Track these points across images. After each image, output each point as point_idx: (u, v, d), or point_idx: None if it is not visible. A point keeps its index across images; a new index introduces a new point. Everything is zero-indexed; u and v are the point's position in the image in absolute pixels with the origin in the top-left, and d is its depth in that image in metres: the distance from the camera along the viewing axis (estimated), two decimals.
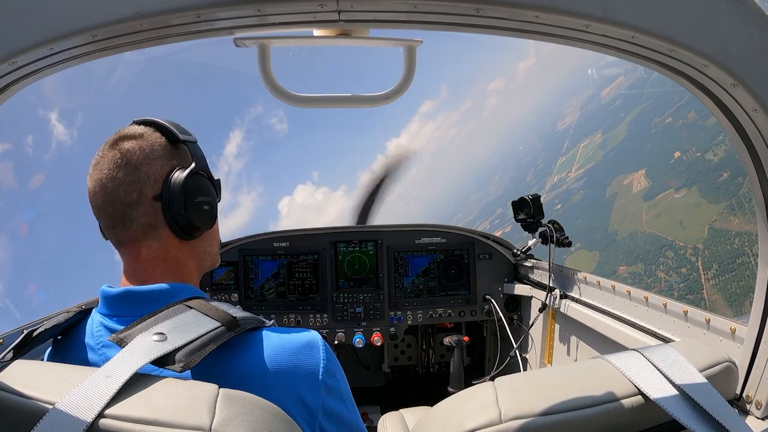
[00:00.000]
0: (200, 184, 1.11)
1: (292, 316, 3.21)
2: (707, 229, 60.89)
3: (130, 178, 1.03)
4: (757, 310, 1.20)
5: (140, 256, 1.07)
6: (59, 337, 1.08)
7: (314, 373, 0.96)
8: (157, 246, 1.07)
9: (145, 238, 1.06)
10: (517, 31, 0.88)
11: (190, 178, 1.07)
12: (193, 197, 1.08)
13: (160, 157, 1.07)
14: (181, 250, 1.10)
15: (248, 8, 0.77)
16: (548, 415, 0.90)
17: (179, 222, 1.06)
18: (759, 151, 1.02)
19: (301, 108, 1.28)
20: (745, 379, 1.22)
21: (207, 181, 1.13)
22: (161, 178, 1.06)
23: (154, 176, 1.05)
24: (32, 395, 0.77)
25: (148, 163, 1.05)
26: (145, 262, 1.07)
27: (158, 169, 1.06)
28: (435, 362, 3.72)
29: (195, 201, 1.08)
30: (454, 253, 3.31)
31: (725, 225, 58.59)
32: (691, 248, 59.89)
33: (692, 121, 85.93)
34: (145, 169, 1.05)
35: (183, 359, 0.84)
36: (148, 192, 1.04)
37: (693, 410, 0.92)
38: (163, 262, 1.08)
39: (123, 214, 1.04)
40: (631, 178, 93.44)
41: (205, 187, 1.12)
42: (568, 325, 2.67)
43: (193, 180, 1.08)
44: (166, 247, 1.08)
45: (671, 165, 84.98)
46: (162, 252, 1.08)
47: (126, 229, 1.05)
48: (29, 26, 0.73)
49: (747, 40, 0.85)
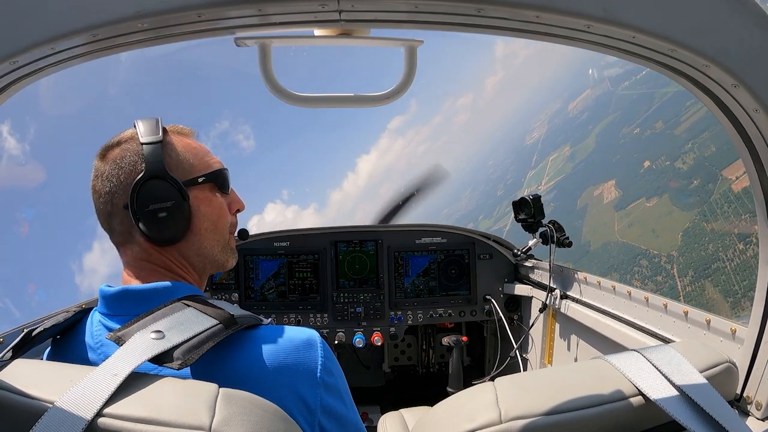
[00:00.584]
0: (151, 190, 1.04)
1: (292, 316, 3.21)
2: (681, 236, 61.11)
3: (105, 188, 1.06)
4: (758, 310, 1.20)
5: (128, 259, 1.09)
6: (58, 336, 1.08)
7: (313, 370, 0.96)
8: (139, 250, 1.08)
9: (127, 243, 1.09)
10: (518, 31, 0.87)
11: (140, 186, 1.03)
12: (144, 207, 1.03)
13: (129, 164, 1.06)
14: (165, 253, 1.09)
15: (249, 8, 0.77)
16: (548, 415, 0.90)
17: (144, 231, 1.05)
18: (760, 151, 1.02)
19: (303, 108, 1.28)
20: (746, 379, 1.22)
21: (163, 185, 1.05)
22: (129, 186, 1.05)
23: (123, 185, 1.05)
24: (32, 394, 0.77)
25: (118, 172, 1.06)
26: (134, 264, 1.09)
27: (126, 177, 1.05)
28: (435, 362, 3.72)
29: (146, 210, 1.03)
30: (454, 253, 3.31)
31: (698, 231, 58.73)
32: (666, 256, 60.07)
33: (660, 130, 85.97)
34: (115, 178, 1.06)
35: (181, 357, 0.84)
36: (118, 202, 1.06)
37: (693, 411, 0.92)
38: (151, 264, 1.09)
39: (107, 224, 1.09)
40: (601, 189, 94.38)
41: (157, 192, 1.04)
42: (568, 325, 2.67)
43: (144, 187, 1.03)
44: (148, 251, 1.08)
45: (641, 174, 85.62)
46: (145, 255, 1.08)
47: (113, 237, 1.10)
48: (30, 26, 0.73)
49: (748, 40, 0.85)
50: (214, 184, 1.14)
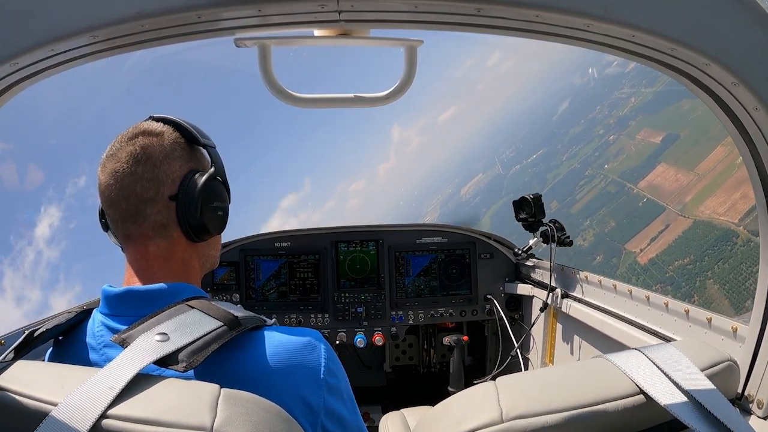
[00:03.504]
0: (217, 189, 1.12)
1: (293, 316, 3.21)
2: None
3: (149, 174, 1.04)
4: (759, 309, 1.20)
5: (147, 254, 1.07)
6: (60, 337, 1.08)
7: (316, 372, 0.96)
8: (166, 245, 1.07)
9: (155, 236, 1.06)
10: (518, 31, 0.87)
11: (209, 182, 1.08)
12: (210, 202, 1.09)
13: (180, 158, 1.08)
14: (188, 251, 1.11)
15: (249, 8, 0.77)
16: (549, 414, 0.90)
17: (192, 224, 1.07)
18: (760, 150, 1.02)
19: (305, 109, 1.28)
20: (747, 378, 1.22)
21: (223, 188, 1.15)
22: (179, 178, 1.06)
23: (172, 176, 1.06)
24: (35, 395, 0.77)
25: (168, 162, 1.06)
26: (152, 261, 1.07)
27: (177, 170, 1.07)
28: (436, 362, 3.72)
29: (211, 206, 1.09)
30: (455, 252, 3.31)
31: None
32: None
33: (556, 209, 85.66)
34: (164, 167, 1.05)
35: (186, 359, 0.84)
36: (164, 191, 1.05)
37: (694, 409, 0.92)
38: (169, 262, 1.08)
39: (136, 210, 1.04)
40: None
41: (221, 193, 1.13)
42: (569, 324, 2.67)
43: (212, 185, 1.09)
44: (174, 247, 1.08)
45: (540, 255, 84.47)
46: (169, 252, 1.08)
47: (137, 225, 1.05)
48: (30, 27, 0.73)
49: (748, 38, 0.85)
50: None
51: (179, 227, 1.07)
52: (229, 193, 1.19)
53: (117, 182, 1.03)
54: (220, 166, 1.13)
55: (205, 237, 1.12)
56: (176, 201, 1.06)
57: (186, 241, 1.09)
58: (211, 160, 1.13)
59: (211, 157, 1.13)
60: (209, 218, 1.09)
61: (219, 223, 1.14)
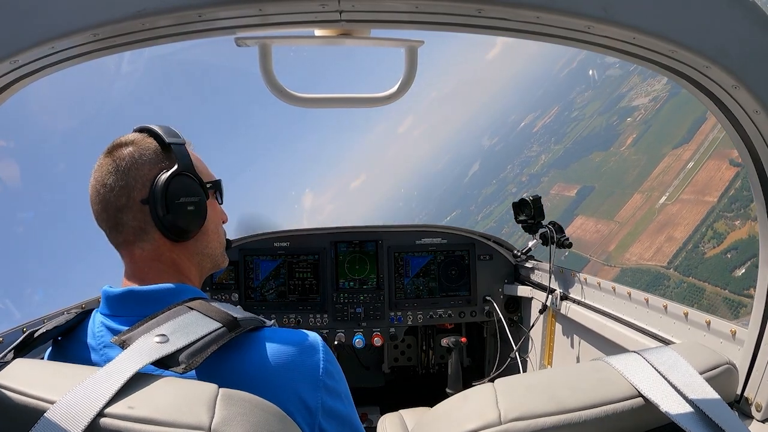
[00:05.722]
0: (183, 185, 1.10)
1: (292, 317, 3.21)
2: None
3: (120, 183, 1.06)
4: (758, 312, 1.19)
5: (135, 258, 1.08)
6: (60, 338, 1.08)
7: (314, 373, 0.96)
8: (150, 248, 1.08)
9: (137, 241, 1.08)
10: (518, 32, 0.88)
11: (172, 179, 1.08)
12: (176, 198, 1.08)
13: (149, 162, 1.08)
14: (175, 251, 1.11)
15: (250, 8, 0.77)
16: (548, 416, 0.90)
17: (165, 224, 1.07)
18: (760, 152, 1.02)
19: (304, 109, 1.28)
20: (746, 381, 1.22)
21: (192, 182, 1.12)
22: (149, 181, 1.07)
23: (142, 180, 1.07)
24: (33, 393, 0.77)
25: (137, 167, 1.07)
26: (141, 264, 1.08)
27: (146, 173, 1.07)
28: (435, 363, 3.71)
29: (177, 202, 1.08)
30: (454, 253, 3.31)
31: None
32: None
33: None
34: (133, 173, 1.06)
35: (185, 361, 0.84)
36: (135, 196, 1.06)
37: (693, 412, 0.92)
38: (158, 263, 1.09)
39: (115, 219, 1.07)
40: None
41: (188, 188, 1.11)
42: (568, 326, 2.66)
43: (176, 181, 1.08)
44: (159, 249, 1.09)
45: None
46: (155, 254, 1.09)
47: (119, 233, 1.08)
48: (30, 25, 0.73)
49: (748, 41, 0.85)
50: (215, 192, 1.22)
51: (157, 228, 1.07)
52: (205, 188, 1.16)
53: (96, 195, 1.07)
54: (186, 161, 1.11)
55: (185, 235, 1.11)
56: (148, 203, 1.06)
57: (169, 241, 1.10)
58: (176, 157, 1.11)
59: (177, 155, 1.11)
60: (179, 215, 1.08)
61: (191, 219, 1.11)
